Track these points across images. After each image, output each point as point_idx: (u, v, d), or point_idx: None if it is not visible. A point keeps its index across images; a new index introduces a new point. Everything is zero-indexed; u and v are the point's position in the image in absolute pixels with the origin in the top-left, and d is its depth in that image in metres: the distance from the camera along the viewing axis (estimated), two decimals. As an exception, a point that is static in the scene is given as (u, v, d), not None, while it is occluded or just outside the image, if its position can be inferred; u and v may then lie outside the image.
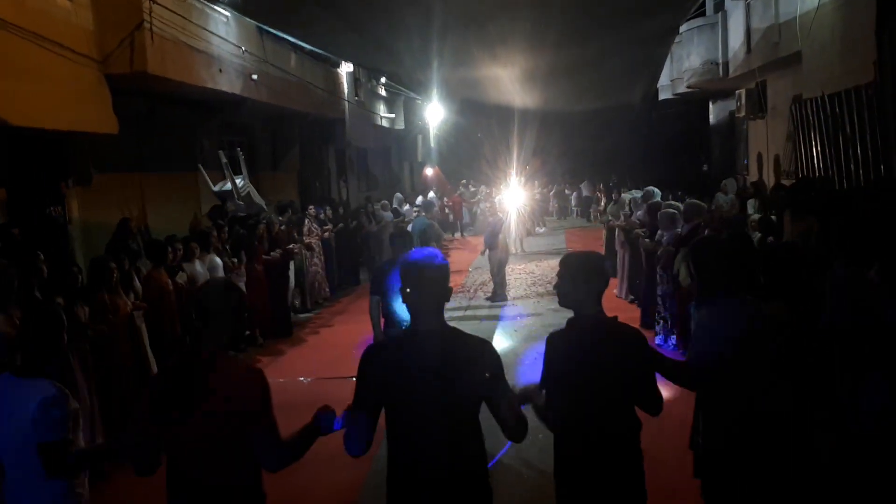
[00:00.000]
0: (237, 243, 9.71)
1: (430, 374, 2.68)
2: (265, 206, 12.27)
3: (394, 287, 5.40)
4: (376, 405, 2.76)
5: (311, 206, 13.15)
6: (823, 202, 7.60)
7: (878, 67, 8.01)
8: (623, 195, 15.27)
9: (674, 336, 8.02)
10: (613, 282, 12.19)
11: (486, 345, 2.84)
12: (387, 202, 17.02)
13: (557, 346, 3.22)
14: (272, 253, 10.29)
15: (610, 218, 13.82)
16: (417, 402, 2.71)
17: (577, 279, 3.14)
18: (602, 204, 19.31)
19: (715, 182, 16.18)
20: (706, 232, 7.48)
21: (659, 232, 8.55)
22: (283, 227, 11.17)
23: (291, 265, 11.03)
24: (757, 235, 10.41)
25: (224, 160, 11.50)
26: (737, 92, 15.54)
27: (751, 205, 12.30)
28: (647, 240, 9.03)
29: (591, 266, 3.19)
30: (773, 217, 10.06)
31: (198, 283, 7.96)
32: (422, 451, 2.73)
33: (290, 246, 10.85)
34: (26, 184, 8.50)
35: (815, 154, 10.16)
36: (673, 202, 11.56)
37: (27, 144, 8.35)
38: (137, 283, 7.25)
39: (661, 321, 8.33)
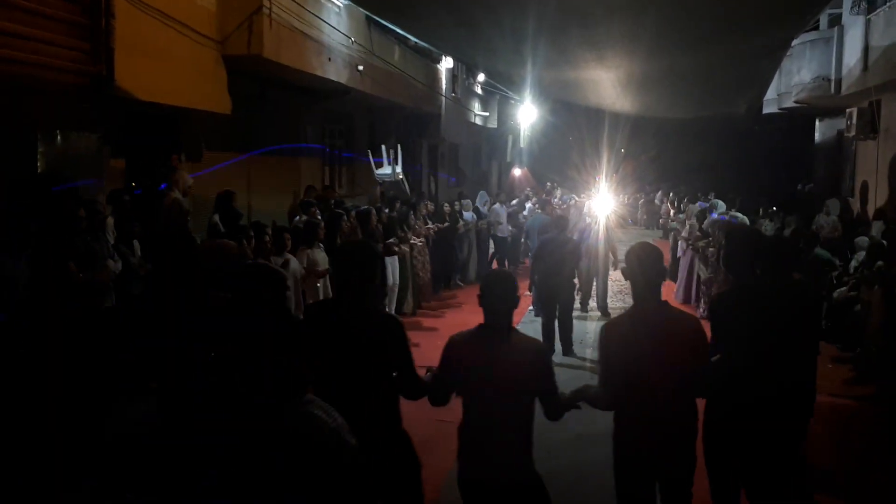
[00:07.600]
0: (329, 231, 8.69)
1: None
2: (410, 195, 13.57)
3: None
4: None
5: (421, 202, 12.98)
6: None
7: None
8: (690, 206, 15.04)
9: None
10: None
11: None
12: (468, 201, 15.39)
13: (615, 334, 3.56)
14: None
15: (675, 226, 14.13)
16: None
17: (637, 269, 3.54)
18: (671, 214, 19.23)
19: (818, 201, 15.60)
20: None
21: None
22: (379, 224, 10.18)
23: (393, 263, 10.30)
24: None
25: (386, 149, 13.09)
26: (848, 110, 14.94)
27: (875, 227, 11.82)
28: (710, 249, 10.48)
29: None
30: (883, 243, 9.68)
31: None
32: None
33: (390, 241, 10.03)
34: (143, 155, 8.88)
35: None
36: (737, 213, 11.67)
37: (146, 118, 8.72)
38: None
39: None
